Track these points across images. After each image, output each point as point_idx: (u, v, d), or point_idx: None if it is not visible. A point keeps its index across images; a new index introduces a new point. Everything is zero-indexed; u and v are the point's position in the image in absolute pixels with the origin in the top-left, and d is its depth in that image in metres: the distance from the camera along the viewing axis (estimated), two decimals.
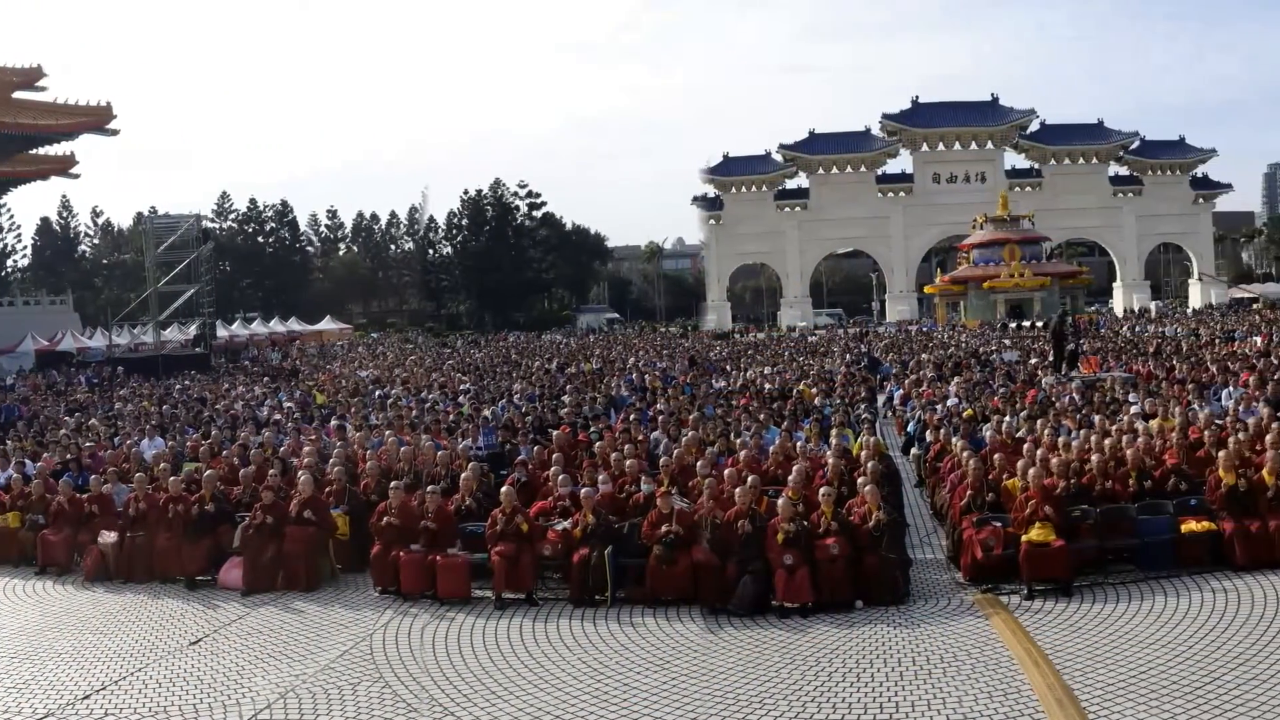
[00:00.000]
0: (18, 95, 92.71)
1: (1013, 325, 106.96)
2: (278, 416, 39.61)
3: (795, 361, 64.15)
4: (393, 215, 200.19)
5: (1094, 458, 21.33)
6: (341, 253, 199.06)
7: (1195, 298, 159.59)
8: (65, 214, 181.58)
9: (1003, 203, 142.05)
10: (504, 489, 20.72)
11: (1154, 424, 25.87)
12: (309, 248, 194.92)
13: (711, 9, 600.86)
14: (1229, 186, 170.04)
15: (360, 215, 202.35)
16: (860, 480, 20.41)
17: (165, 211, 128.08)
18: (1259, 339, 64.40)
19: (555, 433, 29.53)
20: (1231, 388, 34.55)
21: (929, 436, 28.95)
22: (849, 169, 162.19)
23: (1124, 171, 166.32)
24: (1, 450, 30.27)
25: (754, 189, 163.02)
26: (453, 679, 15.49)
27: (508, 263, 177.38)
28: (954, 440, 25.51)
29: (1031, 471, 19.57)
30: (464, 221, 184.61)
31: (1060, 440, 23.75)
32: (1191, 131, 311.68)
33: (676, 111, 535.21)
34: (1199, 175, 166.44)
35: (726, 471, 21.61)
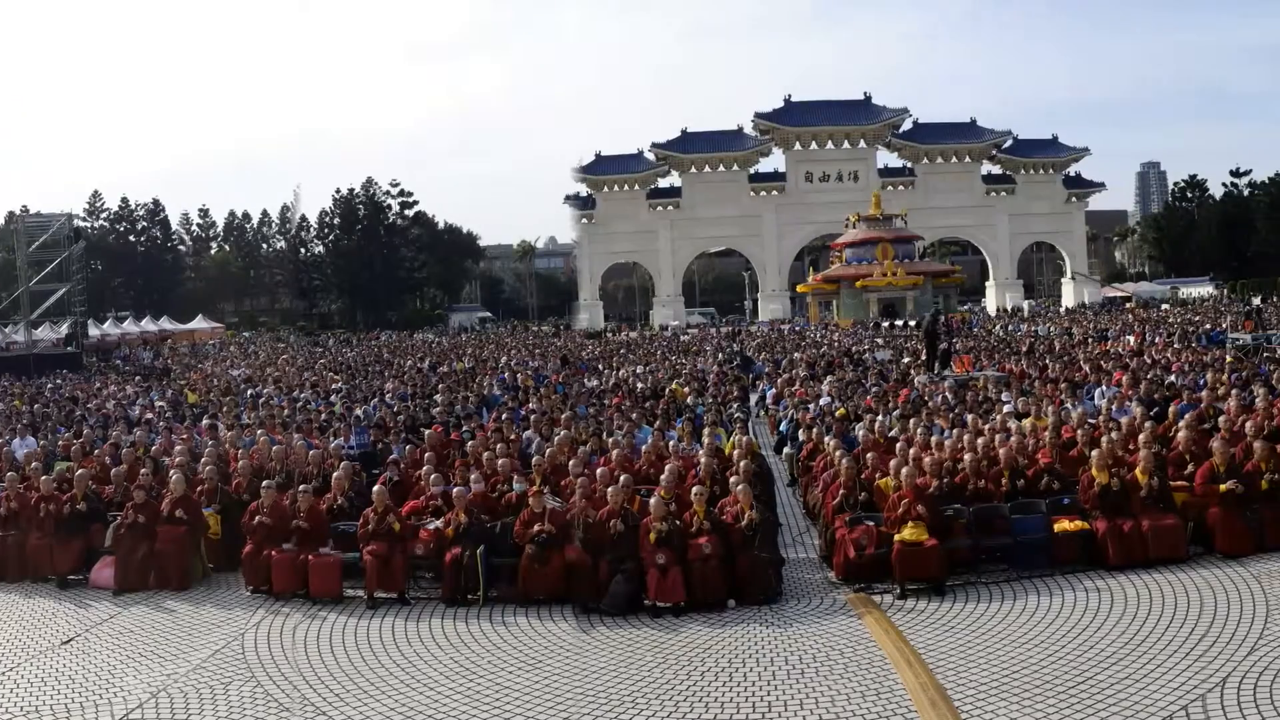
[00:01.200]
0: None
1: (885, 324, 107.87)
2: (150, 416, 39.30)
3: (668, 360, 64.69)
4: (265, 214, 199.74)
5: (967, 457, 21.52)
6: (214, 252, 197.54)
7: (1068, 297, 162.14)
8: None
9: (875, 202, 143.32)
10: (376, 488, 20.73)
11: (1027, 423, 26.19)
12: (181, 247, 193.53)
13: (587, 9, 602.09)
14: (1102, 185, 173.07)
15: (232, 214, 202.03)
16: (733, 479, 20.50)
17: (37, 210, 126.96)
18: (1132, 338, 65.56)
19: (427, 432, 29.40)
20: (1104, 387, 35.03)
21: (801, 436, 29.07)
22: (721, 168, 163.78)
23: (997, 170, 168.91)
24: None
25: (626, 188, 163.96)
26: (325, 678, 15.42)
27: (380, 262, 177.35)
28: (827, 439, 25.62)
29: (904, 471, 19.71)
30: (336, 220, 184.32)
31: (933, 439, 23.91)
32: (1064, 130, 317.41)
33: (551, 110, 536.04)
34: (1072, 174, 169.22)
35: (599, 471, 21.65)
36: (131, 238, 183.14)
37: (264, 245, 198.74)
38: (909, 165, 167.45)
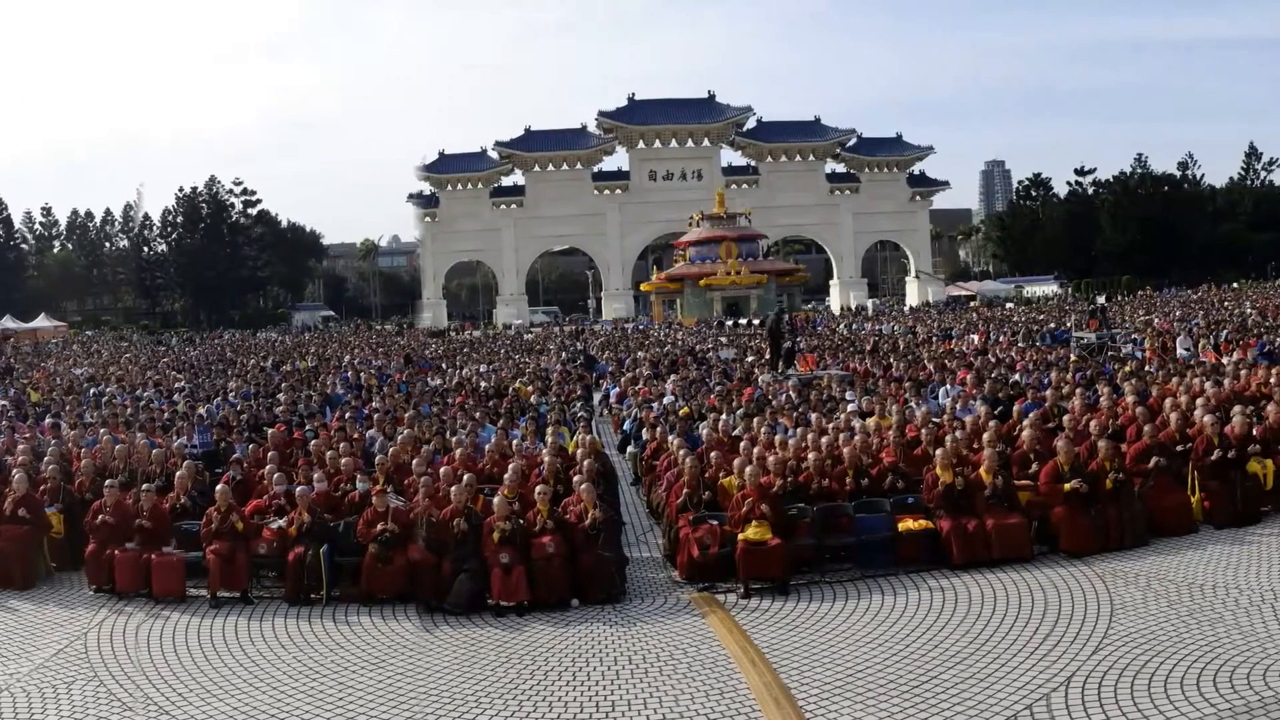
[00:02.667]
0: None
1: (729, 323, 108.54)
2: None
3: (511, 359, 65.23)
4: (108, 213, 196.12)
5: (811, 456, 21.64)
6: (56, 250, 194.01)
7: (912, 295, 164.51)
8: None
9: (719, 200, 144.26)
10: (219, 487, 20.59)
11: (871, 422, 26.45)
12: (24, 245, 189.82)
13: (432, 6, 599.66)
14: (946, 184, 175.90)
15: (75, 213, 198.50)
16: (576, 478, 20.60)
17: None
18: (976, 337, 66.58)
19: (270, 431, 29.18)
20: (949, 386, 35.47)
21: (645, 434, 29.24)
22: (565, 166, 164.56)
23: (841, 169, 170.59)
24: None
25: (470, 186, 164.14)
26: (168, 678, 15.24)
27: (223, 260, 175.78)
28: (670, 438, 25.72)
29: (748, 470, 19.79)
30: (179, 219, 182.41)
31: (777, 438, 24.03)
32: (909, 129, 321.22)
33: (394, 109, 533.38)
34: (916, 173, 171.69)
35: (442, 470, 21.53)
36: None
37: (107, 244, 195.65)
38: (753, 164, 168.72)
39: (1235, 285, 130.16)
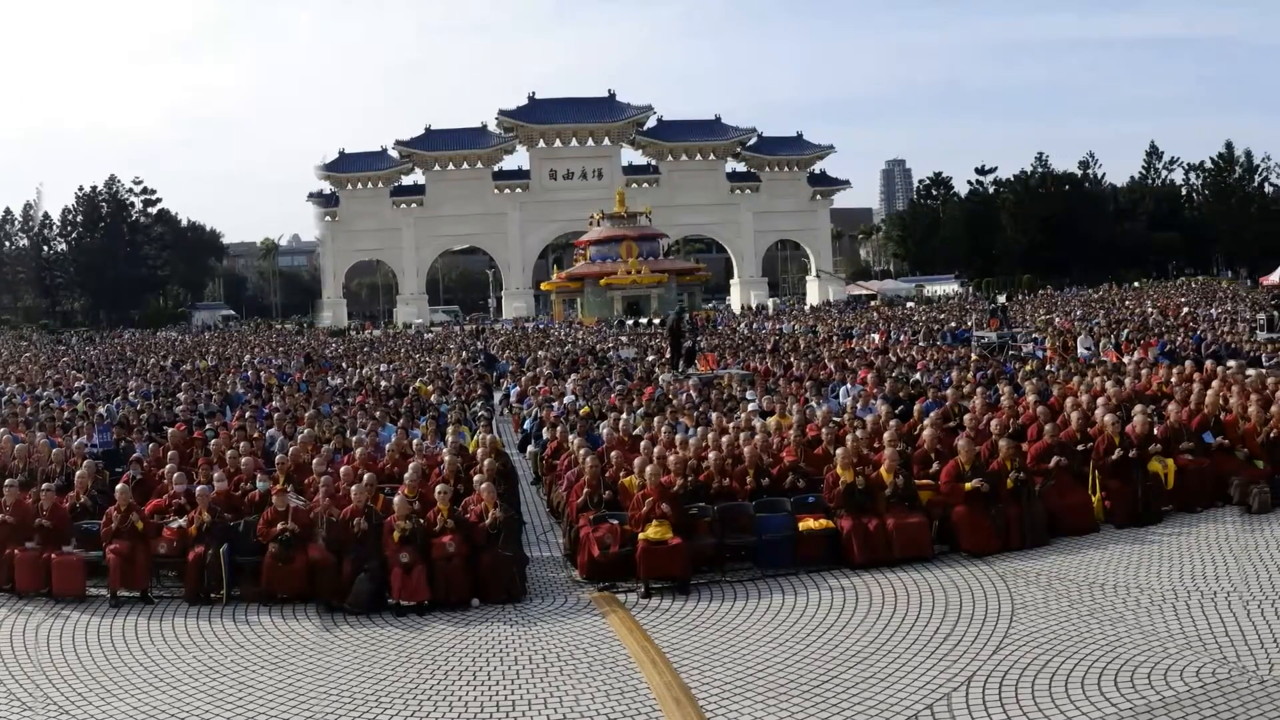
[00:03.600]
0: None
1: (630, 322, 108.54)
2: None
3: (412, 359, 65.28)
4: (8, 212, 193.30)
5: (711, 455, 21.72)
6: None
7: (813, 295, 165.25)
8: None
9: (620, 200, 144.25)
10: (119, 486, 20.57)
11: (772, 421, 26.56)
12: None
13: (328, 4, 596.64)
14: (847, 183, 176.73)
15: None
16: (477, 478, 20.64)
17: None
18: (877, 336, 67.06)
19: (170, 430, 28.92)
20: (849, 385, 35.68)
21: (546, 434, 29.31)
22: (466, 165, 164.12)
23: (742, 168, 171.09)
24: None
25: (370, 185, 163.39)
26: (68, 677, 15.15)
27: (123, 260, 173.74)
28: (571, 438, 25.81)
29: (649, 469, 19.85)
30: (79, 218, 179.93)
31: (678, 437, 24.09)
32: (809, 128, 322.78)
33: (295, 108, 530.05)
34: (817, 172, 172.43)
35: (343, 469, 21.62)
36: None
37: (6, 243, 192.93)
38: (653, 163, 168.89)
39: (1136, 284, 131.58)
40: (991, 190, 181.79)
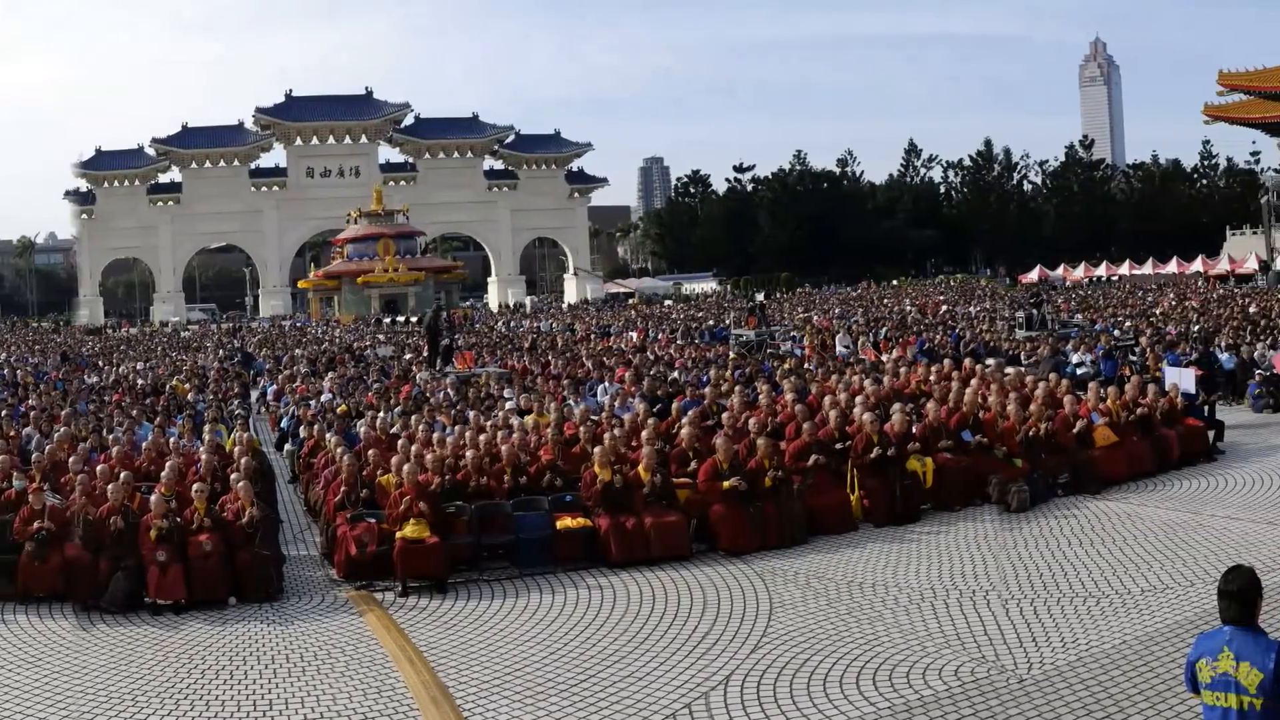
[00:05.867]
0: None
1: (387, 320, 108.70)
2: None
3: (169, 357, 65.58)
4: None
5: (469, 454, 21.65)
6: None
7: (571, 293, 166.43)
8: None
9: (377, 197, 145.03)
10: None
11: (529, 420, 26.61)
12: None
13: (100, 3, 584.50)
14: (604, 181, 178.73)
15: None
16: (234, 476, 20.38)
17: None
18: (634, 334, 67.36)
19: None
20: (607, 383, 35.82)
21: (303, 432, 29.06)
22: (223, 163, 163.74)
23: (500, 166, 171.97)
24: None
25: (127, 183, 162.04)
26: None
27: None
28: (328, 436, 25.61)
29: (406, 468, 19.76)
30: None
31: (435, 436, 24.01)
32: (567, 126, 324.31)
33: (48, 105, 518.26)
34: (575, 170, 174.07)
35: (99, 468, 21.12)
36: None
37: None
38: (411, 161, 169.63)
39: (895, 282, 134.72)
40: (750, 188, 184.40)
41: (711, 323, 74.01)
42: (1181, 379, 28.23)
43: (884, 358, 41.11)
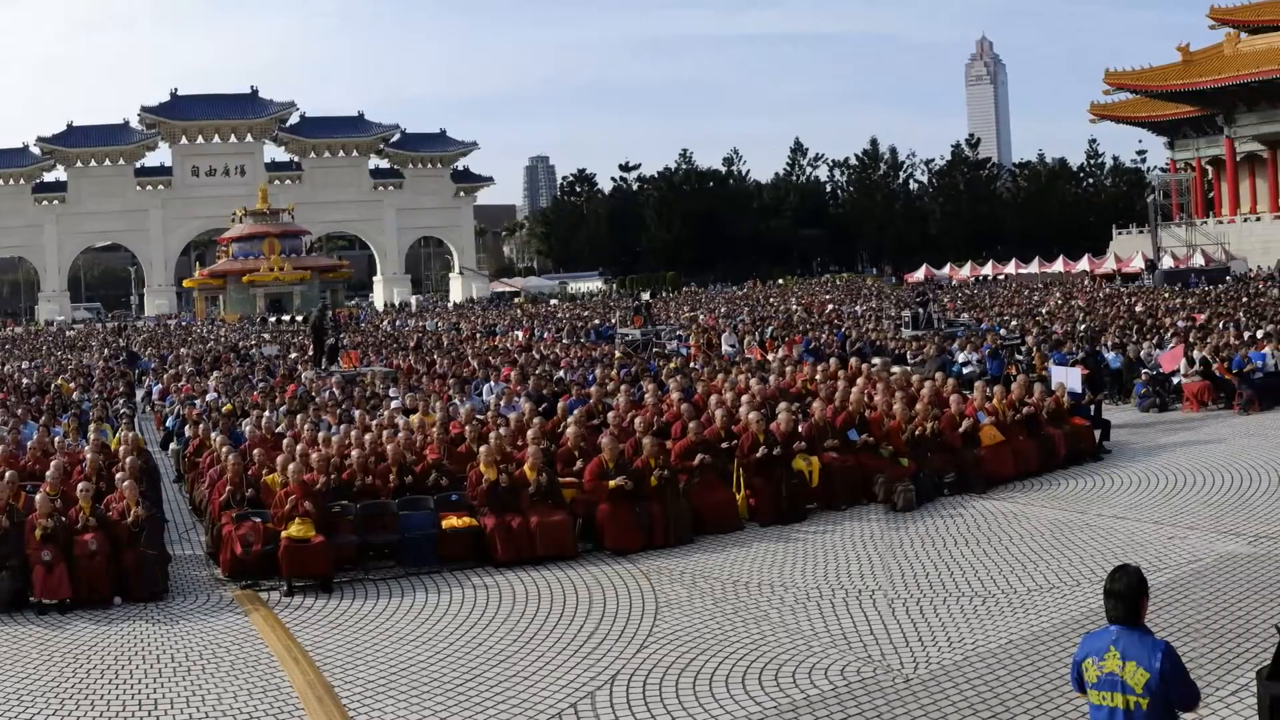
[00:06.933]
0: None
1: (273, 319, 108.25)
2: None
3: (54, 356, 65.80)
4: None
5: (354, 453, 21.58)
6: None
7: (456, 292, 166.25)
8: None
9: (262, 196, 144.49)
10: None
11: (415, 419, 26.48)
12: None
13: None
14: (490, 180, 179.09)
15: None
16: (119, 476, 20.21)
17: None
18: (520, 334, 67.28)
19: None
20: (493, 383, 35.72)
21: (188, 432, 28.98)
22: (108, 162, 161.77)
23: (385, 165, 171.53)
24: None
25: (10, 182, 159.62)
26: None
27: None
28: (213, 435, 25.43)
29: (291, 467, 19.63)
30: None
31: (320, 435, 23.93)
32: (453, 125, 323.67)
33: None
34: (460, 169, 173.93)
35: None
36: None
37: None
38: (296, 160, 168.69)
39: (781, 281, 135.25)
40: (636, 187, 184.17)
41: (597, 322, 74.02)
42: (1068, 378, 28.50)
43: (770, 357, 41.23)
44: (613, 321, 70.33)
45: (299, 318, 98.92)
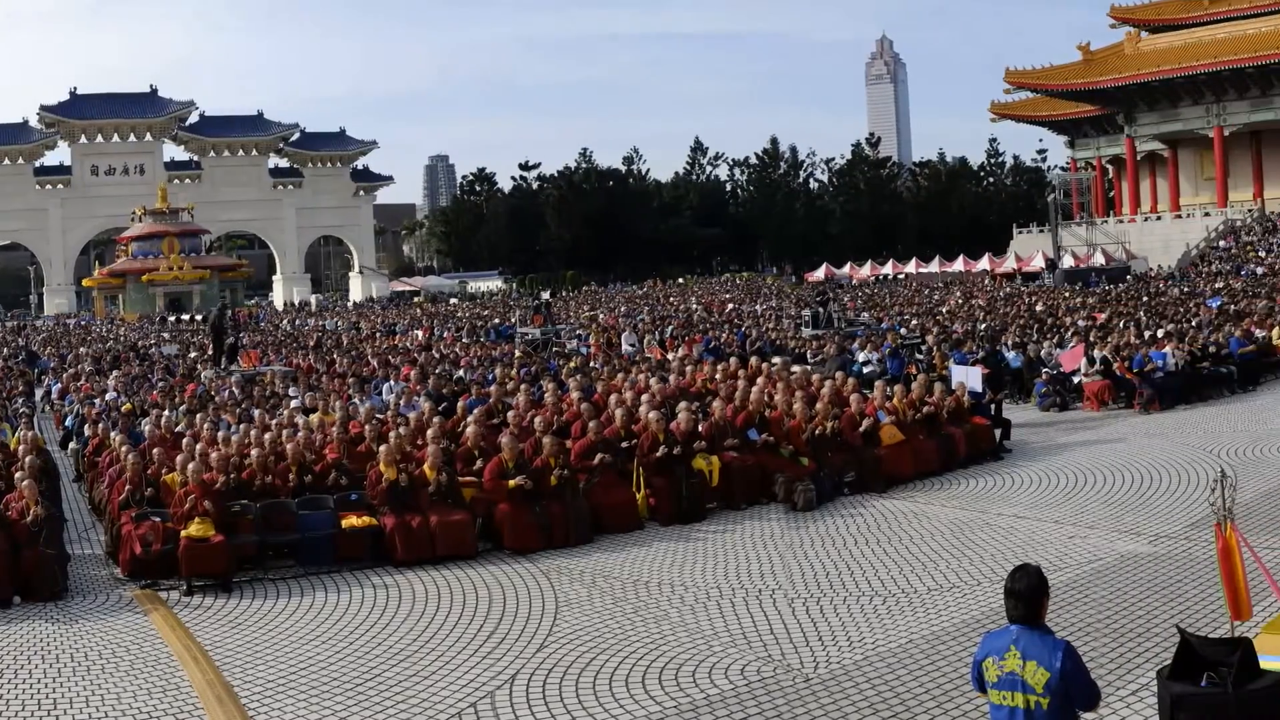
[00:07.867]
0: None
1: (172, 319, 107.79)
2: None
3: None
4: None
5: (254, 452, 21.43)
6: None
7: (356, 291, 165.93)
8: None
9: (162, 195, 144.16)
10: None
11: (315, 418, 26.42)
12: None
13: None
14: (390, 179, 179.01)
15: None
16: (18, 475, 20.02)
17: None
18: (420, 333, 67.16)
19: None
20: (393, 382, 35.62)
21: (88, 431, 28.80)
22: (6, 161, 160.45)
23: (285, 164, 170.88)
24: None
25: None
26: None
27: None
28: (113, 435, 25.24)
29: (191, 466, 19.50)
30: None
31: (220, 434, 23.77)
32: (353, 124, 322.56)
33: None
34: (360, 168, 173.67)
35: None
36: None
37: None
38: (196, 159, 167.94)
39: (681, 281, 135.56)
40: (536, 186, 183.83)
41: (497, 321, 73.89)
42: (968, 377, 28.61)
43: (670, 356, 41.22)
44: (512, 321, 70.20)
45: (198, 317, 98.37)
